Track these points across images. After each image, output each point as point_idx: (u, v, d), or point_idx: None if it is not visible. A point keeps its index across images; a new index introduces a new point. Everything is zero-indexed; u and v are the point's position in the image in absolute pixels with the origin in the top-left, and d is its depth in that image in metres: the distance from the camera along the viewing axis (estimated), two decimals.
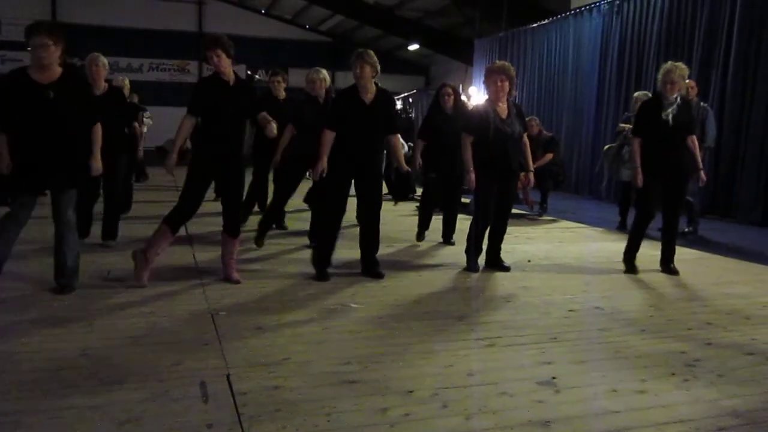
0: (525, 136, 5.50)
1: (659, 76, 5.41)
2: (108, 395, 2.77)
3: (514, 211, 9.29)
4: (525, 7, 16.04)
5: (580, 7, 13.21)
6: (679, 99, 5.37)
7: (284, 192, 6.25)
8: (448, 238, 6.75)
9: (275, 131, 4.71)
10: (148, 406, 2.68)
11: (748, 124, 9.20)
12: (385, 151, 6.00)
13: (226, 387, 2.89)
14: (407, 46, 21.64)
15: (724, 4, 9.59)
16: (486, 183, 5.27)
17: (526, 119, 9.96)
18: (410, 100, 19.16)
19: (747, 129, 9.21)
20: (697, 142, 5.57)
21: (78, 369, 3.05)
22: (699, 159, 5.61)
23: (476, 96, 17.41)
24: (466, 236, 5.59)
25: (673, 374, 3.19)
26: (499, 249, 5.57)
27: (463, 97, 8.67)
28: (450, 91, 6.55)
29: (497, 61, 5.59)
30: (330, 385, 2.94)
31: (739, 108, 9.34)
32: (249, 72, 23.46)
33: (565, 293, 4.80)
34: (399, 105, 19.50)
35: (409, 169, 5.37)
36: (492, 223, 5.46)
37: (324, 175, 4.88)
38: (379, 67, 4.90)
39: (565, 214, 9.33)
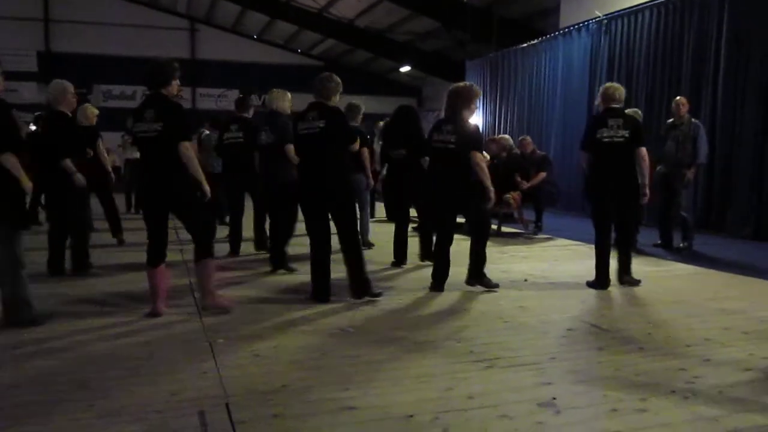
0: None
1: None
2: (106, 428, 2.75)
3: (509, 230, 9.39)
4: (514, 27, 16.21)
5: (568, 27, 13.36)
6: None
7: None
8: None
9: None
10: None
11: (739, 140, 9.27)
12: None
13: (226, 416, 2.87)
14: (399, 68, 21.82)
15: (711, 19, 9.71)
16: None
17: (520, 138, 10.16)
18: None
19: (738, 144, 9.28)
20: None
21: (75, 402, 3.03)
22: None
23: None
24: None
25: (673, 392, 3.19)
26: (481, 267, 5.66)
27: None
28: None
29: (466, 84, 5.66)
30: (329, 412, 2.92)
31: (730, 123, 9.42)
32: (241, 95, 23.57)
33: (563, 312, 4.80)
34: None
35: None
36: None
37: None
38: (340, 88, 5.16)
39: (559, 232, 9.35)
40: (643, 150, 5.50)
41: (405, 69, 21.57)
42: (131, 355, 3.71)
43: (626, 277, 5.69)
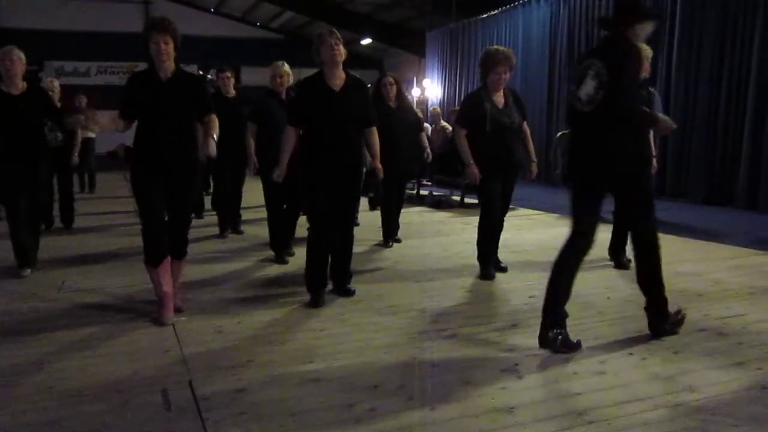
0: (525, 124, 5.06)
1: None
2: (67, 409, 2.71)
3: (472, 201, 9.44)
4: None
5: None
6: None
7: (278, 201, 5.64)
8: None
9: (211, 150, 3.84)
10: (108, 417, 2.62)
11: (694, 107, 9.45)
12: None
13: (189, 393, 2.85)
14: (360, 40, 21.60)
15: None
16: (489, 178, 4.83)
17: None
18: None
19: (693, 111, 9.47)
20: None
21: (34, 384, 2.97)
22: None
23: (430, 88, 17.52)
24: (476, 241, 5.13)
25: (631, 354, 3.27)
26: (497, 247, 5.17)
27: (410, 93, 8.59)
28: (391, 80, 6.24)
29: (501, 49, 5.00)
30: (294, 384, 2.92)
31: (684, 91, 9.58)
32: (200, 71, 23.13)
33: (525, 280, 4.87)
34: None
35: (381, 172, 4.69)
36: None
37: (280, 179, 4.29)
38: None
39: (521, 202, 9.42)
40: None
41: (366, 41, 21.37)
42: (90, 336, 3.65)
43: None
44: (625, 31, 3.38)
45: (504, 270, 5.13)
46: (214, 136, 3.85)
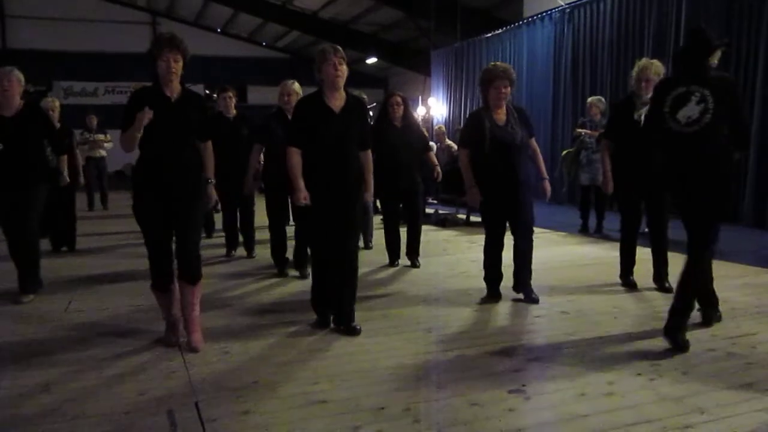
0: (533, 141, 4.93)
1: (634, 73, 5.05)
2: (73, 431, 2.70)
3: (477, 219, 9.42)
4: (478, 17, 16.27)
5: (532, 16, 13.45)
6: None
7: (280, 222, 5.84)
8: (413, 258, 6.30)
9: None
10: None
11: None
12: None
13: (195, 414, 2.84)
14: (365, 59, 21.76)
15: (671, 8, 9.86)
16: (492, 199, 4.74)
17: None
18: (371, 113, 19.22)
19: None
20: None
21: (41, 406, 2.97)
22: None
23: (435, 106, 17.59)
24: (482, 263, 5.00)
25: (639, 374, 3.25)
26: (526, 274, 4.89)
27: (416, 112, 8.40)
28: (399, 100, 6.14)
29: (498, 64, 4.89)
30: (300, 406, 2.91)
31: None
32: (207, 91, 23.34)
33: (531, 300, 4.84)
34: None
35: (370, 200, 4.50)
36: (514, 243, 4.89)
37: (307, 200, 3.97)
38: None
39: None
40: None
41: (371, 60, 21.52)
42: (97, 357, 3.64)
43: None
44: (707, 61, 3.69)
45: (534, 301, 4.77)
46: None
